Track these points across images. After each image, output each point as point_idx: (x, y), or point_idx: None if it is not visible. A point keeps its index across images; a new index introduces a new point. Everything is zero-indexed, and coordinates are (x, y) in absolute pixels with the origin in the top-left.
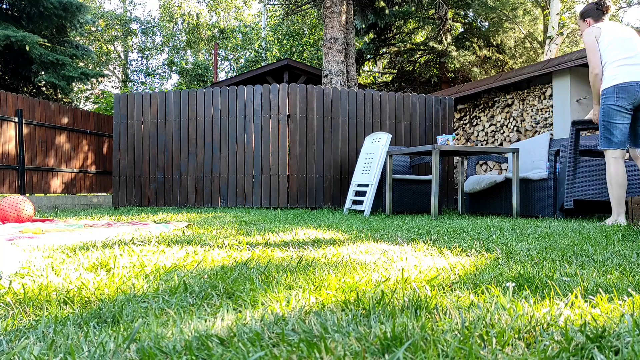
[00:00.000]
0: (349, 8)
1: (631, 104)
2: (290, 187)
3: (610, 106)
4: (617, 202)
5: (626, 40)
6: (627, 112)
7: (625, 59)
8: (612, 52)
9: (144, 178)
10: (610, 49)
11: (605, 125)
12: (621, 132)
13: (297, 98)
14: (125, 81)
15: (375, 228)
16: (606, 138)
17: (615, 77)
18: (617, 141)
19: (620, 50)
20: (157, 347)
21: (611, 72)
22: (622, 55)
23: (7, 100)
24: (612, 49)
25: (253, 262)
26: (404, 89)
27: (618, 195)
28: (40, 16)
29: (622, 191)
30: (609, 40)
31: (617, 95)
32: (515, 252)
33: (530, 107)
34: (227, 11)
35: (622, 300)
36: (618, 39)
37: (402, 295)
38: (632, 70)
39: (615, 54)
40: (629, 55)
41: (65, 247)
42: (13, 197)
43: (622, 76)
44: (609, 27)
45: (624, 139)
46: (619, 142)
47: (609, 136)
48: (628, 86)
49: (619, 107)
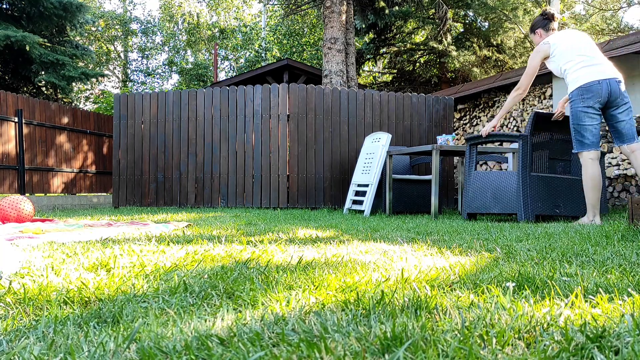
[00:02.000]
0: (349, 8)
1: (598, 102)
2: (290, 187)
3: (578, 109)
4: (593, 204)
5: (582, 44)
6: (596, 112)
7: (583, 60)
8: (570, 58)
9: (144, 178)
10: (568, 55)
11: (575, 128)
12: (592, 133)
13: (297, 98)
14: (125, 81)
15: (375, 228)
16: (579, 141)
17: (577, 80)
18: (589, 142)
19: (577, 54)
20: (157, 347)
21: (573, 76)
22: (580, 58)
23: (7, 100)
24: (570, 55)
25: (253, 262)
26: (404, 89)
27: (594, 197)
28: (40, 16)
29: (598, 193)
30: (564, 49)
31: (582, 96)
32: (515, 252)
33: (531, 107)
34: (227, 11)
35: (622, 300)
36: (573, 44)
37: (402, 295)
38: (592, 70)
39: (573, 58)
40: (587, 56)
41: (65, 247)
42: (13, 197)
43: (583, 78)
44: (560, 37)
45: (596, 139)
46: (592, 143)
47: (580, 139)
48: (590, 86)
49: (586, 107)
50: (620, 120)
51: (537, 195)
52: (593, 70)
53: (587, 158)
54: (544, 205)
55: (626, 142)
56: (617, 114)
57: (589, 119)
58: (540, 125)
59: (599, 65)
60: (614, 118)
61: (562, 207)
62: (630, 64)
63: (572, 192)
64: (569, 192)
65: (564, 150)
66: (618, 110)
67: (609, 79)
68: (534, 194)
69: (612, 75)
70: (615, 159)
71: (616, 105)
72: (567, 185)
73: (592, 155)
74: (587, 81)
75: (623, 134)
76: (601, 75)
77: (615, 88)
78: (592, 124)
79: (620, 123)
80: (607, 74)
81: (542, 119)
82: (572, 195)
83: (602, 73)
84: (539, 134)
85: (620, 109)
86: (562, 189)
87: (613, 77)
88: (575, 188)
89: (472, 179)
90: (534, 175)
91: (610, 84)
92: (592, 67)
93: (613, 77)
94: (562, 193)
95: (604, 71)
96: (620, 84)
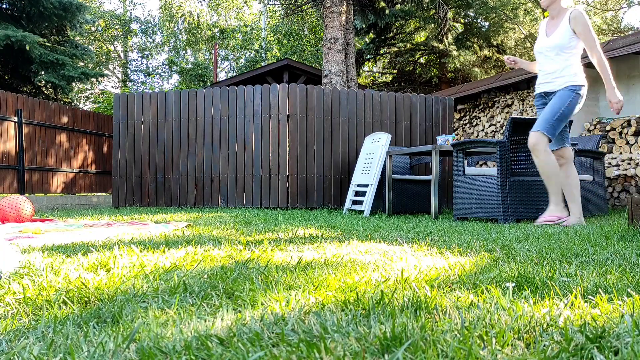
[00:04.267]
0: (349, 8)
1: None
2: (290, 187)
3: (576, 102)
4: (577, 203)
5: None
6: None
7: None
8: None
9: (144, 178)
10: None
11: (560, 116)
12: (561, 129)
13: (297, 98)
14: (125, 81)
15: (375, 228)
16: (552, 126)
17: (582, 77)
18: (555, 134)
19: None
20: (156, 347)
21: (581, 69)
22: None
23: (7, 100)
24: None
25: (253, 262)
26: (404, 89)
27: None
28: (40, 16)
29: (578, 191)
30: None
31: (583, 97)
32: (515, 252)
33: (530, 107)
34: (228, 11)
35: (621, 300)
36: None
37: (402, 296)
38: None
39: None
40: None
41: (65, 246)
42: (13, 197)
43: (584, 79)
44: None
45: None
46: (554, 135)
47: (556, 125)
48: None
49: (578, 107)
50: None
51: (518, 199)
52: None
53: (546, 146)
54: (525, 208)
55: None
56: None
57: (569, 117)
58: (520, 129)
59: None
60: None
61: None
62: (630, 64)
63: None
64: None
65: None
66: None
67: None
68: (515, 198)
69: None
70: (615, 159)
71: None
72: None
73: (548, 147)
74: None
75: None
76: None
77: None
78: (567, 122)
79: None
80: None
81: (520, 124)
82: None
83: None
84: (520, 138)
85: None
86: (545, 192)
87: None
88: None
89: (459, 183)
90: (514, 179)
91: None
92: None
93: None
94: (545, 195)
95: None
96: None
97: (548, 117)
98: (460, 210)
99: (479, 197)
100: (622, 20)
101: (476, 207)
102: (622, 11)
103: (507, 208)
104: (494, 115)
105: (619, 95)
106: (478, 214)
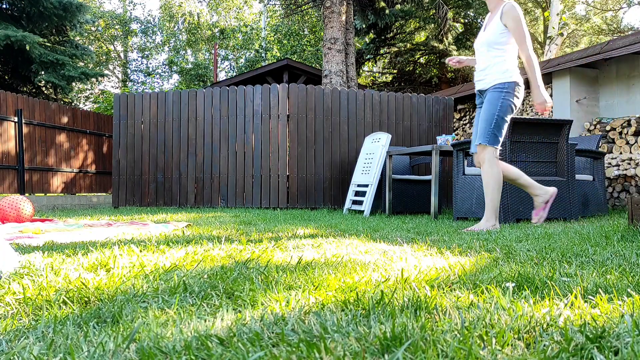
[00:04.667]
0: (349, 8)
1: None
2: (290, 187)
3: (509, 102)
4: (496, 206)
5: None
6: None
7: (516, 57)
8: (515, 45)
9: (144, 178)
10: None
11: (497, 120)
12: (504, 131)
13: (296, 98)
14: (125, 81)
15: (375, 228)
16: (494, 134)
17: (515, 73)
18: (500, 138)
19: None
20: (156, 347)
21: (513, 66)
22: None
23: (7, 100)
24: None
25: (253, 262)
26: (404, 89)
27: (498, 199)
28: (40, 16)
29: (500, 194)
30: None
31: (516, 93)
32: (515, 252)
33: (530, 107)
34: (228, 11)
35: (621, 300)
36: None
37: (402, 296)
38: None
39: (515, 48)
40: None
41: (64, 246)
42: (13, 197)
43: (519, 76)
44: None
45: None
46: (500, 141)
47: (497, 133)
48: (522, 88)
49: (514, 105)
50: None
51: (518, 199)
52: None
53: (494, 155)
54: (525, 208)
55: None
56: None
57: (509, 117)
58: (520, 129)
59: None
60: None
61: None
62: (630, 64)
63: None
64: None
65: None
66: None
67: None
68: (515, 198)
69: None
70: (615, 159)
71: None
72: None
73: (497, 153)
74: (521, 81)
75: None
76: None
77: None
78: (508, 122)
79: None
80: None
81: (520, 124)
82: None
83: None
84: (519, 138)
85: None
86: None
87: None
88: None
89: (460, 183)
90: None
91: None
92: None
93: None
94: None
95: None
96: None
97: (485, 126)
98: (460, 210)
99: (479, 197)
100: (622, 20)
101: (476, 207)
102: (622, 11)
103: (507, 208)
104: None
105: (545, 96)
106: (478, 214)
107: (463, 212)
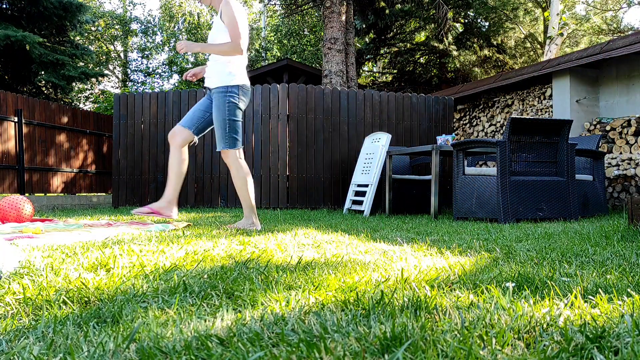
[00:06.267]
0: (349, 8)
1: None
2: (290, 187)
3: (235, 104)
4: (253, 205)
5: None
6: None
7: (245, 58)
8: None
9: (144, 178)
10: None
11: (230, 124)
12: (240, 131)
13: (297, 98)
14: (125, 81)
15: (375, 228)
16: (233, 138)
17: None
18: (240, 140)
19: (246, 47)
20: (156, 347)
21: (236, 69)
22: (246, 54)
23: (7, 100)
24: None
25: (253, 262)
26: (404, 89)
27: (252, 197)
28: (40, 16)
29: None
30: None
31: (242, 96)
32: (515, 252)
33: (530, 107)
34: None
35: (621, 300)
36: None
37: (402, 296)
38: (246, 74)
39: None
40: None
41: (64, 246)
42: (13, 197)
43: (244, 79)
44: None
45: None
46: (240, 141)
47: (235, 135)
48: (248, 91)
49: (240, 106)
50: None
51: (518, 199)
52: (246, 74)
53: (237, 156)
54: (525, 208)
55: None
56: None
57: (239, 117)
58: (520, 129)
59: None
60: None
61: (545, 210)
62: (630, 64)
63: (556, 194)
64: (552, 195)
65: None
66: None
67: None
68: (515, 198)
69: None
70: (615, 159)
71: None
72: (551, 188)
73: (240, 154)
74: (247, 84)
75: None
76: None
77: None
78: (240, 122)
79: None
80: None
81: (520, 124)
82: (556, 197)
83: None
84: (519, 138)
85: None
86: (545, 192)
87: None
88: (559, 190)
89: (460, 183)
90: (514, 179)
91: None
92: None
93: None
94: (545, 196)
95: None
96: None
97: (221, 133)
98: (460, 210)
99: (479, 197)
100: (622, 20)
101: (476, 207)
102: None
103: (507, 208)
104: (494, 115)
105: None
106: (478, 214)
107: (463, 212)
